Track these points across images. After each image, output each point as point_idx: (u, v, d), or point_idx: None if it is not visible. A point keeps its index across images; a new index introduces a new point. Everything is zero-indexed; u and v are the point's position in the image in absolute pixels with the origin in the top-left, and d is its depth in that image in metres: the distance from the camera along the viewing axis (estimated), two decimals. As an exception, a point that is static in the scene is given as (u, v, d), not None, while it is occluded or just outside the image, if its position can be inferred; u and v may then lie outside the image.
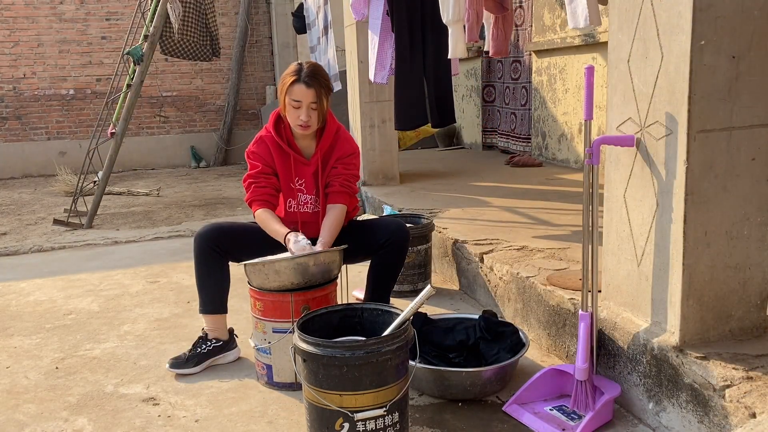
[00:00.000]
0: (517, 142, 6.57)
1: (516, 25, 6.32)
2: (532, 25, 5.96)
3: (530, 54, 6.07)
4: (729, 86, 1.77)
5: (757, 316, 1.93)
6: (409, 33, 3.93)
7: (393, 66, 4.22)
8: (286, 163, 2.59)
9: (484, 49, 4.44)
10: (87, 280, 3.91)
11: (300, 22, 6.58)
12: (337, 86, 6.10)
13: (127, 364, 2.66)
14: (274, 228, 2.49)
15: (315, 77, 2.46)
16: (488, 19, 3.87)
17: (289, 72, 2.48)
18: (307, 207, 2.63)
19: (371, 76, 4.27)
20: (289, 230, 2.44)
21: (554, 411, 2.09)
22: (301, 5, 6.52)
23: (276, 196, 2.61)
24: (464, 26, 3.37)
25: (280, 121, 2.60)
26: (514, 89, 6.55)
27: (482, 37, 7.23)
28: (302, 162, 2.60)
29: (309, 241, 2.39)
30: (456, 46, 3.39)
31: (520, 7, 6.17)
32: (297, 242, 2.36)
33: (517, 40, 6.32)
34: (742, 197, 1.84)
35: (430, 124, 4.29)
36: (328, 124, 2.59)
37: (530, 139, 6.28)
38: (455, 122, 4.44)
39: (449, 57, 3.48)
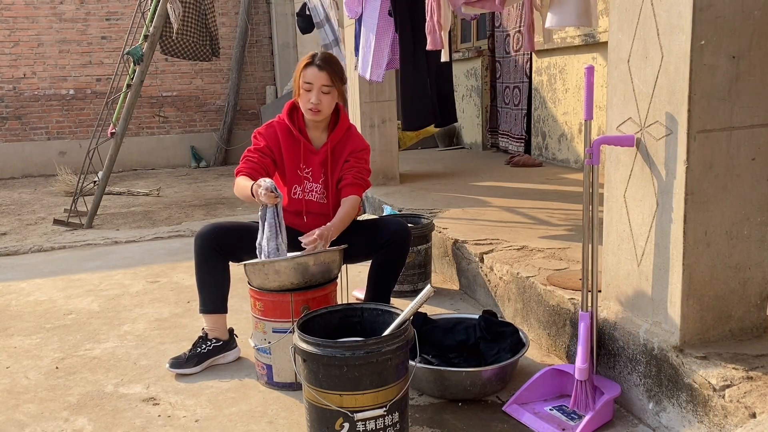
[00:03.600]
0: (513, 142, 6.57)
1: (516, 24, 6.31)
2: (534, 24, 5.95)
3: (530, 54, 6.07)
4: (729, 86, 1.77)
5: (757, 316, 1.93)
6: (411, 32, 3.94)
7: (389, 64, 4.23)
8: (295, 149, 2.62)
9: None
10: (87, 280, 3.91)
11: (305, 22, 6.58)
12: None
13: (127, 364, 2.66)
14: (243, 185, 2.44)
15: (328, 62, 2.55)
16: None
17: (305, 58, 2.59)
18: (312, 195, 2.64)
19: (366, 75, 4.27)
20: (254, 182, 2.38)
21: (554, 411, 2.10)
22: (304, 5, 6.52)
23: (262, 174, 2.56)
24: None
25: (294, 110, 2.66)
26: (513, 89, 6.55)
27: (485, 36, 7.24)
28: (311, 150, 2.63)
29: (272, 181, 2.33)
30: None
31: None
32: (263, 184, 2.28)
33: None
34: (742, 197, 1.84)
35: (433, 124, 4.31)
36: (341, 119, 2.66)
37: (524, 139, 6.28)
38: (456, 121, 4.46)
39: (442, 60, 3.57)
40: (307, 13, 6.51)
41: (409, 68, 4.01)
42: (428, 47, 3.49)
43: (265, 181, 2.30)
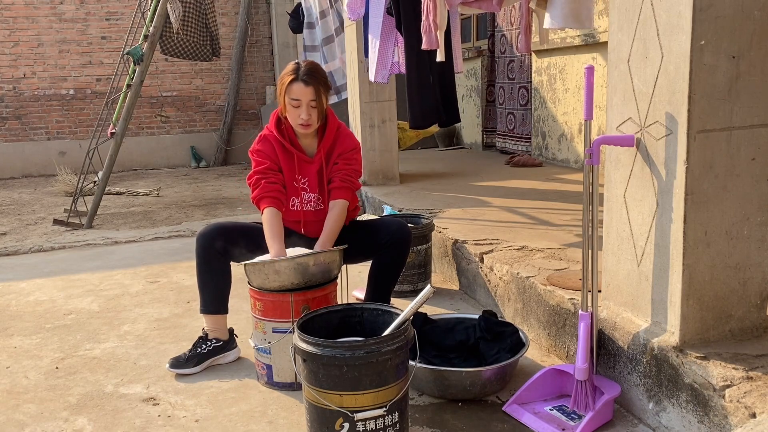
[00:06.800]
0: (518, 141, 6.57)
1: (511, 24, 6.32)
2: (531, 25, 5.95)
3: (530, 54, 6.07)
4: (729, 86, 1.77)
5: (757, 316, 1.93)
6: (416, 32, 3.94)
7: (395, 64, 4.22)
8: (290, 161, 2.59)
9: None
10: (87, 280, 3.91)
11: (295, 22, 6.59)
12: (341, 96, 6.09)
13: (127, 364, 2.66)
14: (270, 241, 2.46)
15: (313, 75, 2.46)
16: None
17: (287, 71, 2.49)
18: (310, 206, 2.63)
19: (371, 76, 4.27)
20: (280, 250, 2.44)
21: (554, 411, 2.10)
22: (297, 6, 6.52)
23: (284, 193, 2.60)
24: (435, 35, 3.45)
25: (280, 121, 2.60)
26: (511, 89, 6.55)
27: (485, 36, 7.24)
28: (306, 160, 2.60)
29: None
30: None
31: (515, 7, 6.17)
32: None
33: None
34: (742, 197, 1.84)
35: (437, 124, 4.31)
36: (329, 122, 2.60)
37: (529, 138, 6.28)
38: (459, 122, 4.46)
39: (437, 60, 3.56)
40: (301, 16, 6.52)
41: (415, 66, 4.01)
42: (423, 47, 3.48)
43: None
